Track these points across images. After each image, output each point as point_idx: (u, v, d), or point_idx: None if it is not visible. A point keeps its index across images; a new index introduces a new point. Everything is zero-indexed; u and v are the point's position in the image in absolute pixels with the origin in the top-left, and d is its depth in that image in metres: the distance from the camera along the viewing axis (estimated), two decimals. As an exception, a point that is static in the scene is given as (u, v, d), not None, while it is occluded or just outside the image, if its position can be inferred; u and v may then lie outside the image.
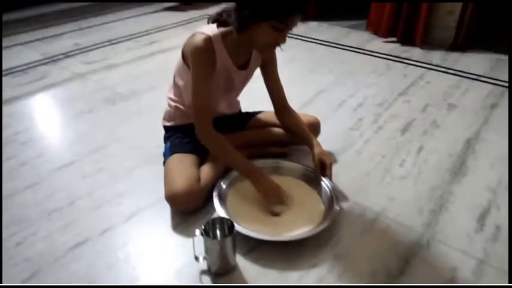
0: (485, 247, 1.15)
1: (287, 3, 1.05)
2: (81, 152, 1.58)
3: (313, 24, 3.13)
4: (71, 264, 1.09)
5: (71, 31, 2.98)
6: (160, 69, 2.35)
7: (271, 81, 1.39)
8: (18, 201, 1.33)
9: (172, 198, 1.21)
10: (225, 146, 1.23)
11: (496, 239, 1.18)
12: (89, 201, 1.33)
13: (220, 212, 1.17)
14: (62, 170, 1.48)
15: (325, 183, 1.30)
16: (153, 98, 2.00)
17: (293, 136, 1.43)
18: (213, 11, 1.28)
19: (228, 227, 1.06)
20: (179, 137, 1.36)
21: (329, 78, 2.24)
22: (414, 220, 1.25)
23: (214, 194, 1.24)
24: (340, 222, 1.22)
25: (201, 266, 1.06)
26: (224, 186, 1.29)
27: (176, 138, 1.37)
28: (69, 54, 2.56)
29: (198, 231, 1.02)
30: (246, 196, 1.26)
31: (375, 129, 1.74)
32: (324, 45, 2.76)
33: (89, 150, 1.59)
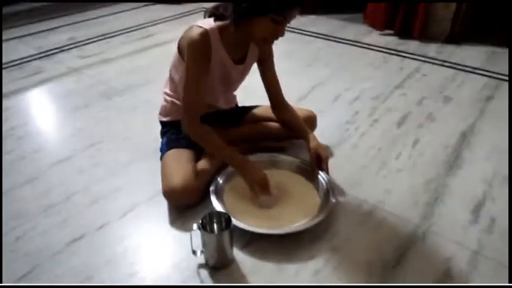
0: (480, 238, 1.16)
1: None
2: (77, 147, 1.58)
3: (310, 17, 3.12)
4: (69, 259, 1.10)
5: (65, 25, 2.96)
6: (155, 63, 2.34)
7: (268, 76, 1.38)
8: (16, 196, 1.33)
9: (170, 193, 1.21)
10: (212, 138, 1.23)
11: (490, 231, 1.19)
12: (85, 196, 1.33)
13: (217, 207, 1.17)
14: (58, 165, 1.48)
15: (322, 177, 1.30)
16: (149, 93, 1.99)
17: (289, 130, 1.43)
18: (208, 4, 1.27)
19: (225, 220, 1.07)
20: (176, 132, 1.36)
21: (325, 71, 2.24)
22: (410, 212, 1.26)
23: (211, 189, 1.24)
24: (336, 214, 1.23)
25: (199, 259, 1.07)
26: (221, 181, 1.29)
27: (173, 133, 1.37)
28: (64, 48, 2.54)
29: (195, 226, 1.03)
30: (242, 191, 1.27)
31: (371, 122, 1.75)
32: (321, 38, 2.75)
33: (85, 146, 1.59)
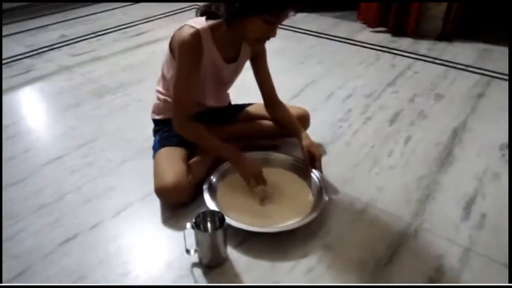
0: (471, 235, 1.17)
1: None
2: (69, 147, 1.56)
3: (303, 14, 3.12)
4: (62, 259, 1.09)
5: (56, 22, 2.93)
6: (148, 61, 2.33)
7: (261, 74, 1.38)
8: (6, 197, 1.31)
9: (162, 192, 1.21)
10: (203, 134, 1.24)
11: (481, 227, 1.20)
12: (78, 195, 1.32)
13: (211, 205, 1.17)
14: (50, 164, 1.47)
15: (315, 175, 1.31)
16: (141, 91, 1.98)
17: (282, 128, 1.43)
18: (201, 2, 1.26)
19: (218, 219, 1.07)
20: (168, 130, 1.36)
21: (318, 69, 2.24)
22: (402, 209, 1.27)
23: (205, 187, 1.24)
24: (329, 212, 1.24)
25: (192, 258, 1.07)
26: (214, 179, 1.29)
27: (165, 131, 1.36)
28: (55, 46, 2.52)
29: (189, 224, 1.03)
30: (236, 188, 1.27)
31: (363, 120, 1.76)
32: (313, 35, 2.75)
33: (77, 145, 1.57)
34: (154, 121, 1.45)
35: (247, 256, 1.09)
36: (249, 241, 1.13)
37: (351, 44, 2.60)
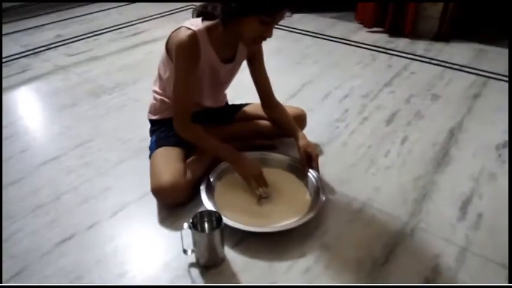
0: (467, 235, 1.18)
1: None
2: (65, 147, 1.56)
3: (300, 14, 3.12)
4: (58, 259, 1.09)
5: (52, 22, 2.92)
6: (144, 60, 2.32)
7: (258, 75, 1.38)
8: (3, 197, 1.30)
9: (158, 192, 1.21)
10: (202, 135, 1.25)
11: (477, 227, 1.21)
12: (74, 196, 1.32)
13: (208, 205, 1.17)
14: (46, 165, 1.46)
15: (312, 174, 1.31)
16: (137, 91, 1.98)
17: (279, 128, 1.43)
18: (197, 2, 1.26)
19: (216, 219, 1.07)
20: (165, 130, 1.36)
21: (315, 69, 2.25)
22: (399, 209, 1.27)
23: (202, 187, 1.24)
24: (326, 212, 1.24)
25: (189, 259, 1.07)
26: (212, 179, 1.29)
27: (162, 131, 1.36)
28: (51, 46, 2.51)
29: (186, 225, 1.03)
30: (234, 188, 1.27)
31: (360, 120, 1.76)
32: (310, 36, 2.76)
33: (73, 145, 1.57)
34: (151, 121, 1.45)
35: (244, 256, 1.09)
36: (246, 241, 1.13)
37: (347, 44, 2.61)
